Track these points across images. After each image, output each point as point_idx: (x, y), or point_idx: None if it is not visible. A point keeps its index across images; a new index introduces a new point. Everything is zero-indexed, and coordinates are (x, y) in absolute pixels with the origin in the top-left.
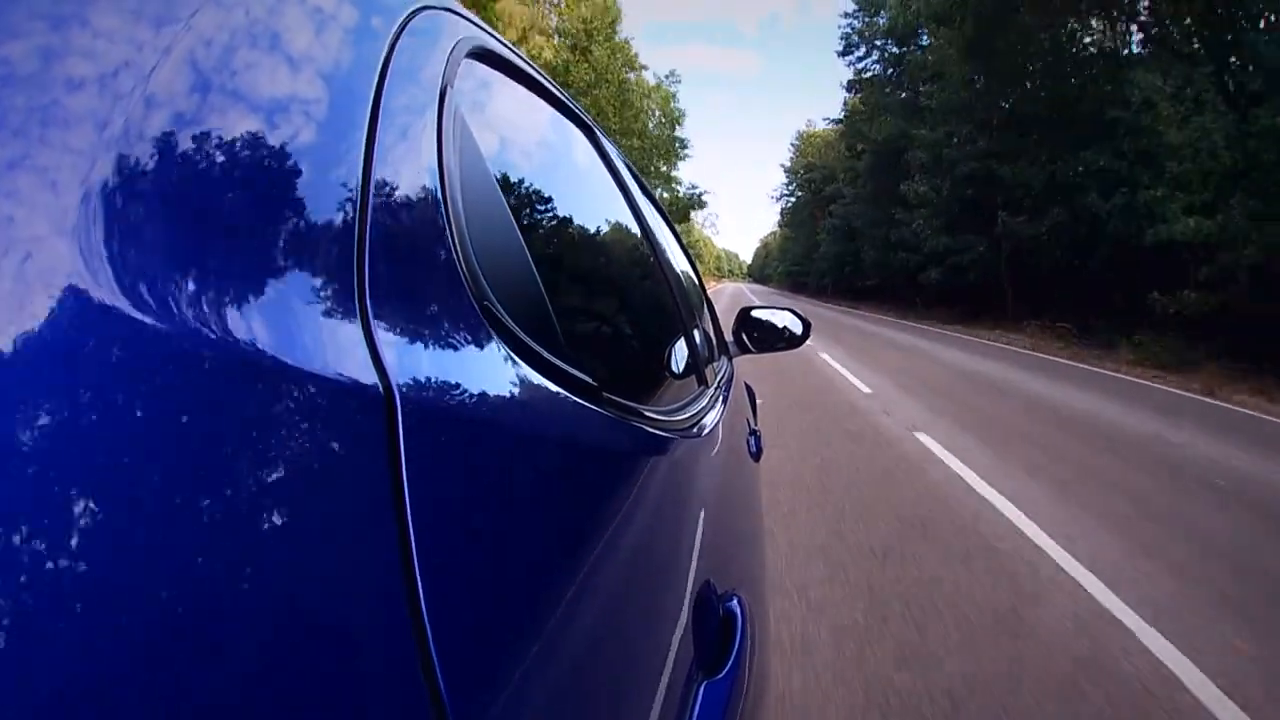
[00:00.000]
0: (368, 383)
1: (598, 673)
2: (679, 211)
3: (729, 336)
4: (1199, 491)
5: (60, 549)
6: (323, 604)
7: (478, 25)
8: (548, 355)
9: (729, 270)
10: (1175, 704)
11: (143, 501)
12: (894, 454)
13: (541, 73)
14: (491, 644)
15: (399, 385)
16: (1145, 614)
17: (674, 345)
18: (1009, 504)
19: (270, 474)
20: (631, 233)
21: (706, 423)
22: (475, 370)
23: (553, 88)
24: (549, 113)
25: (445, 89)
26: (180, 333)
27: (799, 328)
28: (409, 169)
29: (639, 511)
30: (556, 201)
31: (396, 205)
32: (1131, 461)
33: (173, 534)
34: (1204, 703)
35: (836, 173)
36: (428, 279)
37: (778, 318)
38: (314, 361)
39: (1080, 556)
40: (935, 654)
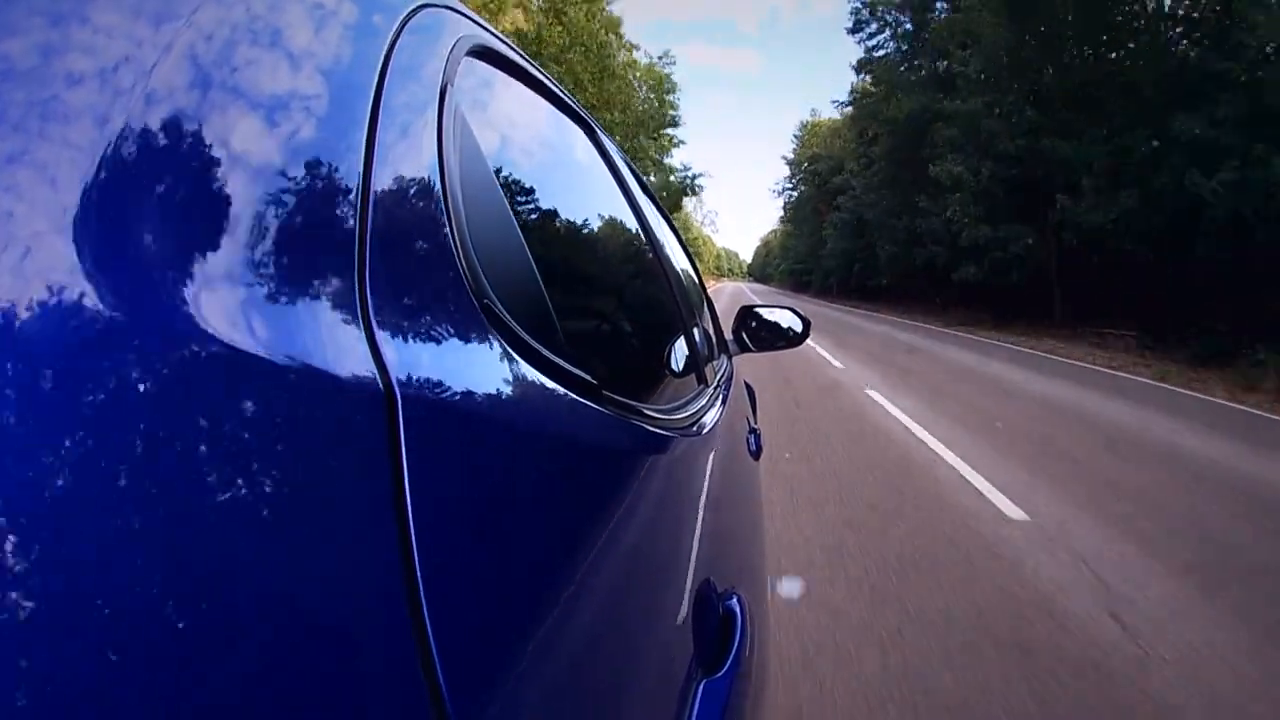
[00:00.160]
0: (368, 380)
1: (598, 671)
2: (670, 199)
3: (729, 335)
4: None
5: (61, 548)
6: (323, 602)
7: (478, 23)
8: (547, 353)
9: (729, 269)
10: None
11: (143, 500)
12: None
13: (542, 71)
14: (492, 641)
15: (399, 383)
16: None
17: (674, 343)
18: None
19: (270, 472)
20: (631, 231)
21: (706, 421)
22: (475, 368)
23: (553, 86)
24: (549, 111)
25: (445, 87)
26: (179, 329)
27: (799, 326)
28: (409, 167)
29: (639, 510)
30: (556, 199)
31: (397, 203)
32: None
33: (173, 533)
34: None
35: (844, 162)
36: (428, 277)
37: (778, 316)
38: (314, 359)
39: None
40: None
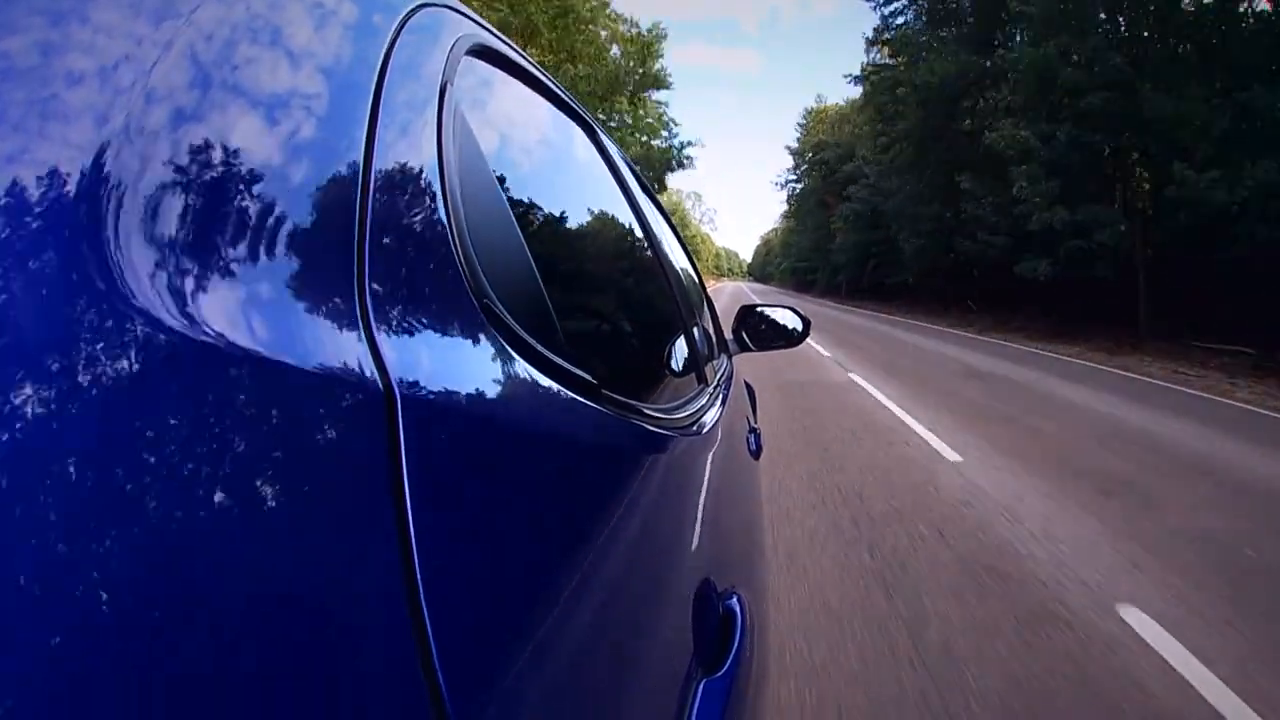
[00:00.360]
0: (368, 380)
1: (598, 670)
2: (653, 171)
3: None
4: None
5: (61, 548)
6: (323, 602)
7: (478, 22)
8: (547, 353)
9: (729, 269)
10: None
11: (143, 500)
12: None
13: (542, 70)
14: (492, 641)
15: (399, 382)
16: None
17: (674, 343)
18: None
19: (270, 472)
20: (631, 230)
21: (706, 420)
22: (475, 367)
23: (553, 85)
24: (549, 110)
25: (445, 86)
26: (179, 328)
27: (799, 325)
28: (409, 165)
29: (638, 509)
30: (556, 199)
31: (396, 202)
32: None
33: (174, 533)
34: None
35: (855, 149)
36: (428, 276)
37: (778, 315)
38: (314, 358)
39: None
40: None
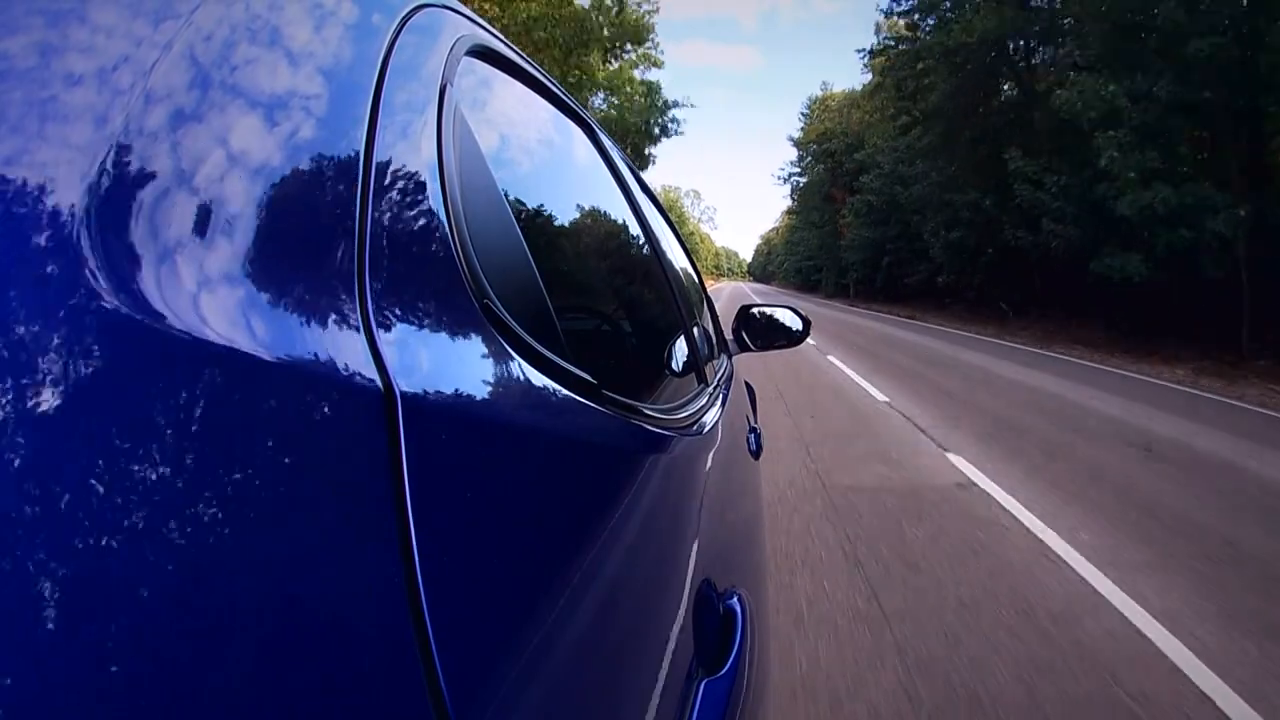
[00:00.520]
0: (368, 381)
1: (598, 670)
2: (629, 137)
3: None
4: None
5: (60, 548)
6: (324, 603)
7: (477, 23)
8: (547, 353)
9: (729, 269)
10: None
11: (143, 500)
12: None
13: (541, 71)
14: (492, 642)
15: (399, 383)
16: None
17: (674, 343)
18: None
19: (270, 472)
20: (631, 230)
21: (706, 420)
22: (475, 368)
23: (552, 86)
24: (549, 110)
25: (445, 86)
26: (179, 330)
27: (799, 324)
28: (409, 166)
29: (639, 509)
30: (556, 199)
31: (396, 203)
32: None
33: (173, 533)
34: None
35: (865, 137)
36: (428, 277)
37: (778, 315)
38: (314, 359)
39: None
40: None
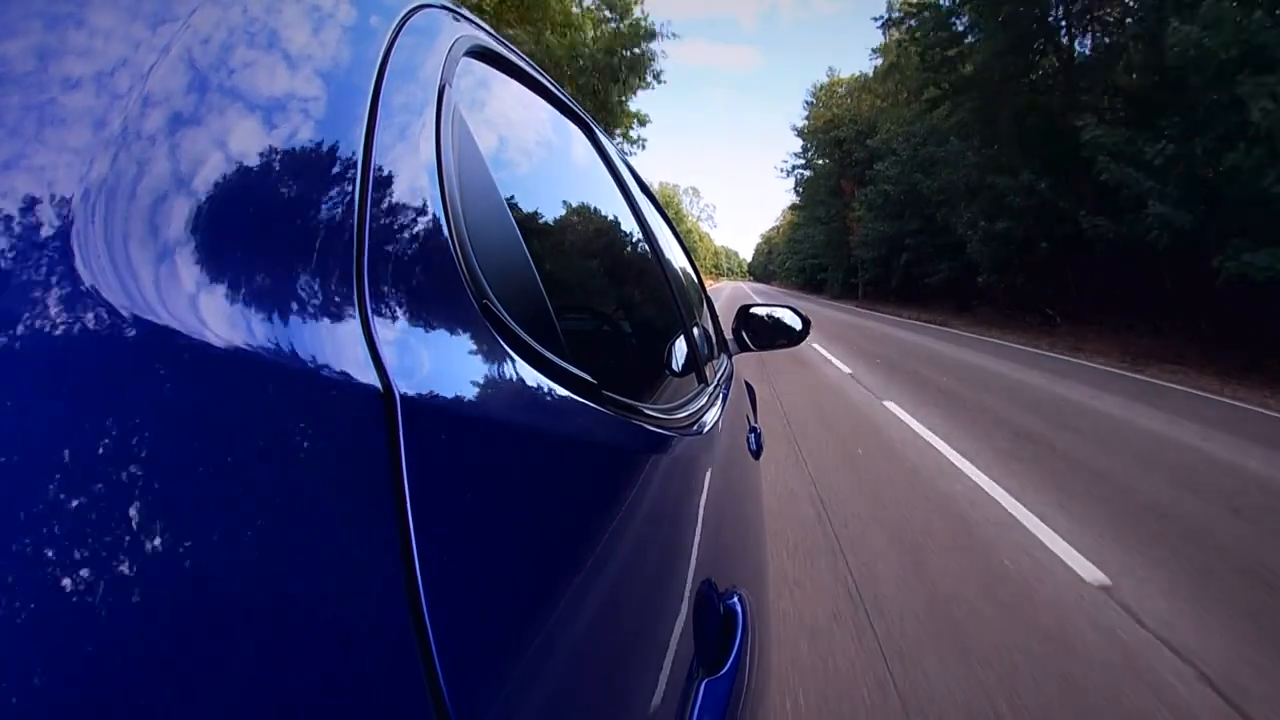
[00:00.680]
0: (367, 382)
1: (598, 671)
2: (594, 93)
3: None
4: None
5: (60, 548)
6: (323, 604)
7: (476, 24)
8: (547, 353)
9: (728, 269)
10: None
11: (141, 501)
12: None
13: (540, 71)
14: (493, 642)
15: (398, 384)
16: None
17: (674, 343)
18: None
19: (269, 474)
20: (630, 230)
21: (706, 420)
22: (475, 369)
23: (551, 86)
24: (548, 111)
25: (444, 87)
26: (178, 332)
27: (799, 324)
28: (408, 167)
29: (639, 509)
30: (555, 199)
31: (395, 203)
32: None
33: (172, 534)
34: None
35: (878, 123)
36: (427, 277)
37: (777, 315)
38: (313, 360)
39: None
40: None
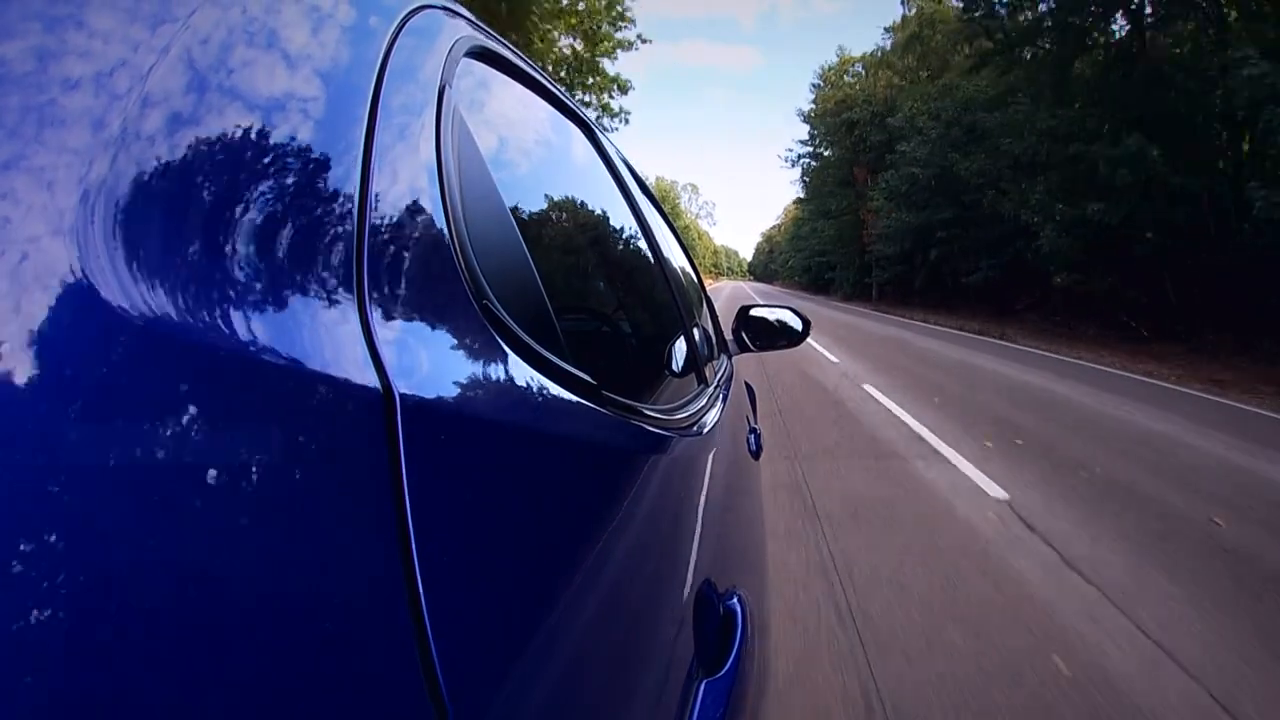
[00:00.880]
0: (367, 382)
1: (598, 671)
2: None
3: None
4: None
5: (60, 547)
6: (323, 604)
7: (476, 24)
8: (547, 354)
9: (728, 268)
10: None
11: (141, 501)
12: None
13: (540, 71)
14: (492, 642)
15: (398, 384)
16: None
17: (674, 343)
18: None
19: (269, 474)
20: (630, 231)
21: (706, 421)
22: (474, 369)
23: (551, 86)
24: (548, 111)
25: (444, 88)
26: (178, 332)
27: (799, 325)
28: (408, 168)
29: (639, 510)
30: (555, 200)
31: (395, 204)
32: None
33: (171, 534)
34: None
35: (898, 103)
36: (427, 278)
37: (778, 315)
38: (313, 361)
39: None
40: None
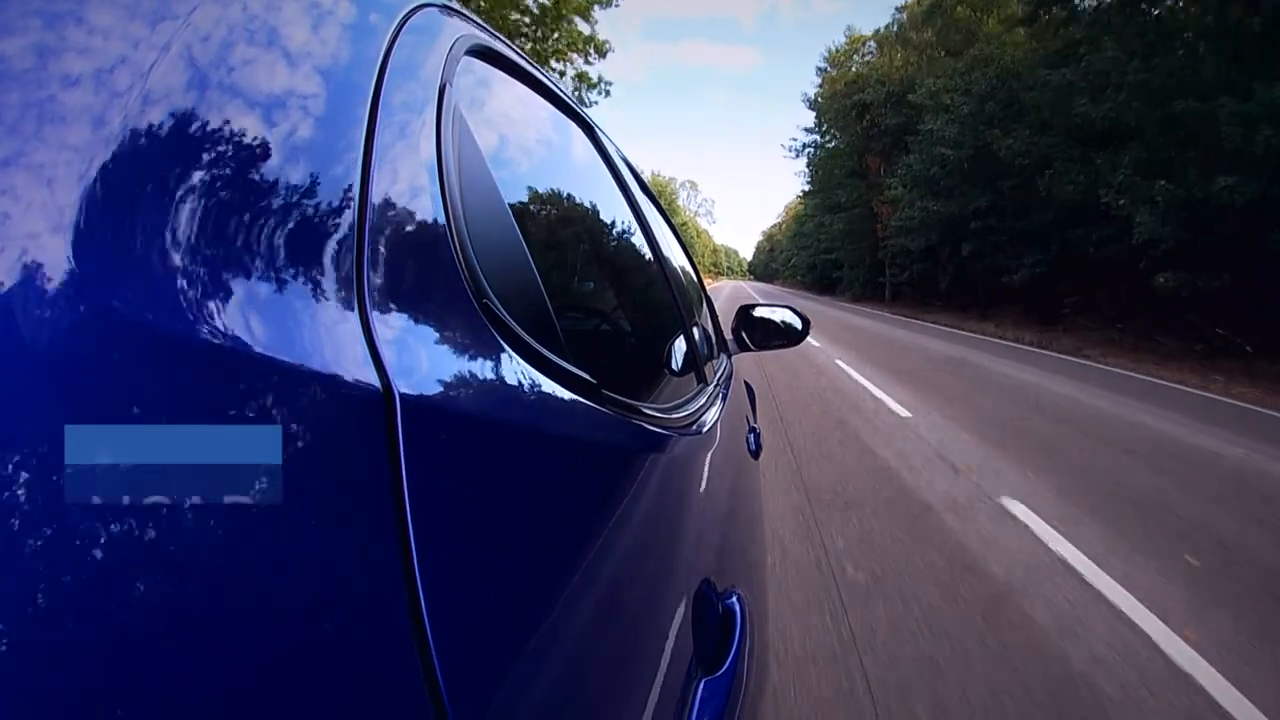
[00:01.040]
0: (367, 381)
1: (597, 670)
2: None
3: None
4: None
5: (59, 547)
6: (322, 604)
7: (476, 23)
8: (547, 353)
9: (728, 267)
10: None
11: (141, 500)
12: None
13: (541, 70)
14: (492, 641)
15: (398, 383)
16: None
17: (673, 342)
18: None
19: (269, 473)
20: (630, 230)
21: (706, 420)
22: (474, 368)
23: (552, 85)
24: (548, 110)
25: (444, 86)
26: (177, 330)
27: (798, 324)
28: (408, 166)
29: (638, 509)
30: (555, 199)
31: (396, 203)
32: None
33: (172, 533)
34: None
35: (919, 79)
36: (427, 277)
37: (777, 314)
38: (313, 360)
39: None
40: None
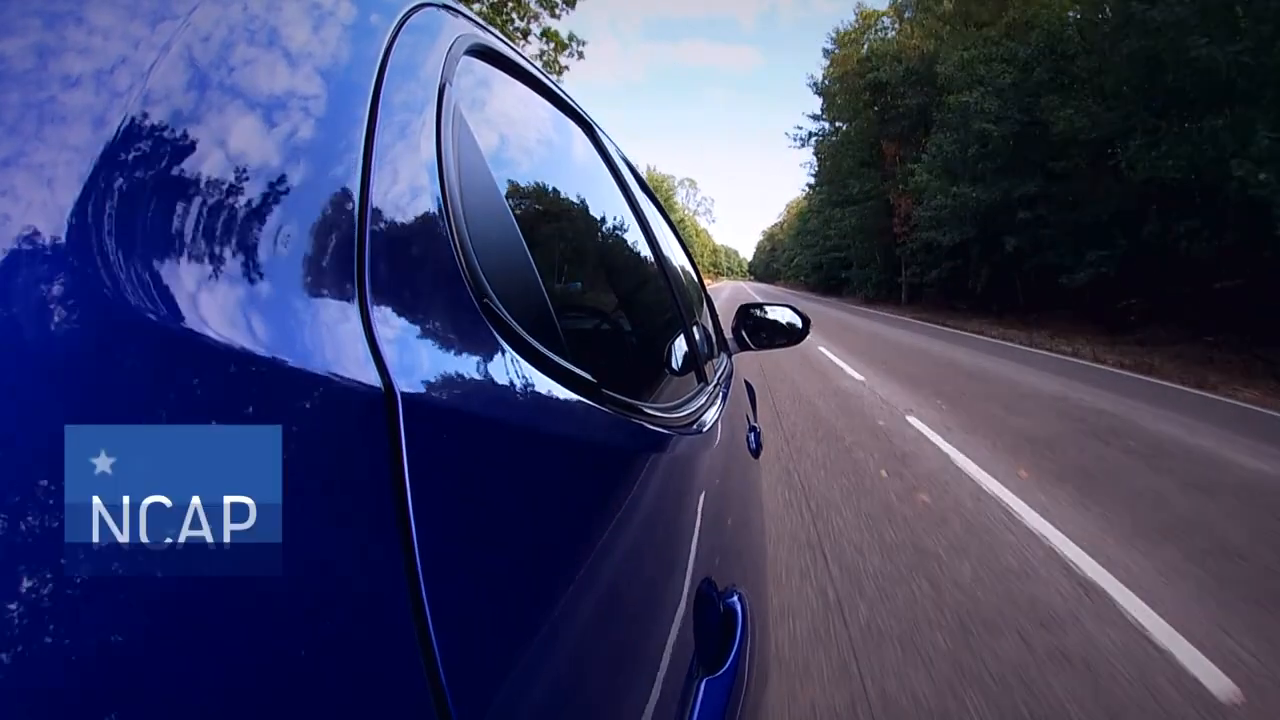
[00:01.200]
0: (368, 380)
1: (599, 669)
2: None
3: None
4: None
5: (60, 547)
6: (325, 603)
7: (476, 22)
8: (547, 352)
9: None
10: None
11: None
12: None
13: (541, 70)
14: (494, 640)
15: (399, 383)
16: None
17: (674, 342)
18: None
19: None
20: (631, 229)
21: (706, 419)
22: (475, 368)
23: (552, 85)
24: (548, 109)
25: (444, 86)
26: (178, 330)
27: (798, 323)
28: (408, 166)
29: (639, 508)
30: (555, 198)
31: (396, 202)
32: None
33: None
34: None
35: (944, 53)
36: (427, 276)
37: (777, 314)
38: (314, 359)
39: None
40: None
